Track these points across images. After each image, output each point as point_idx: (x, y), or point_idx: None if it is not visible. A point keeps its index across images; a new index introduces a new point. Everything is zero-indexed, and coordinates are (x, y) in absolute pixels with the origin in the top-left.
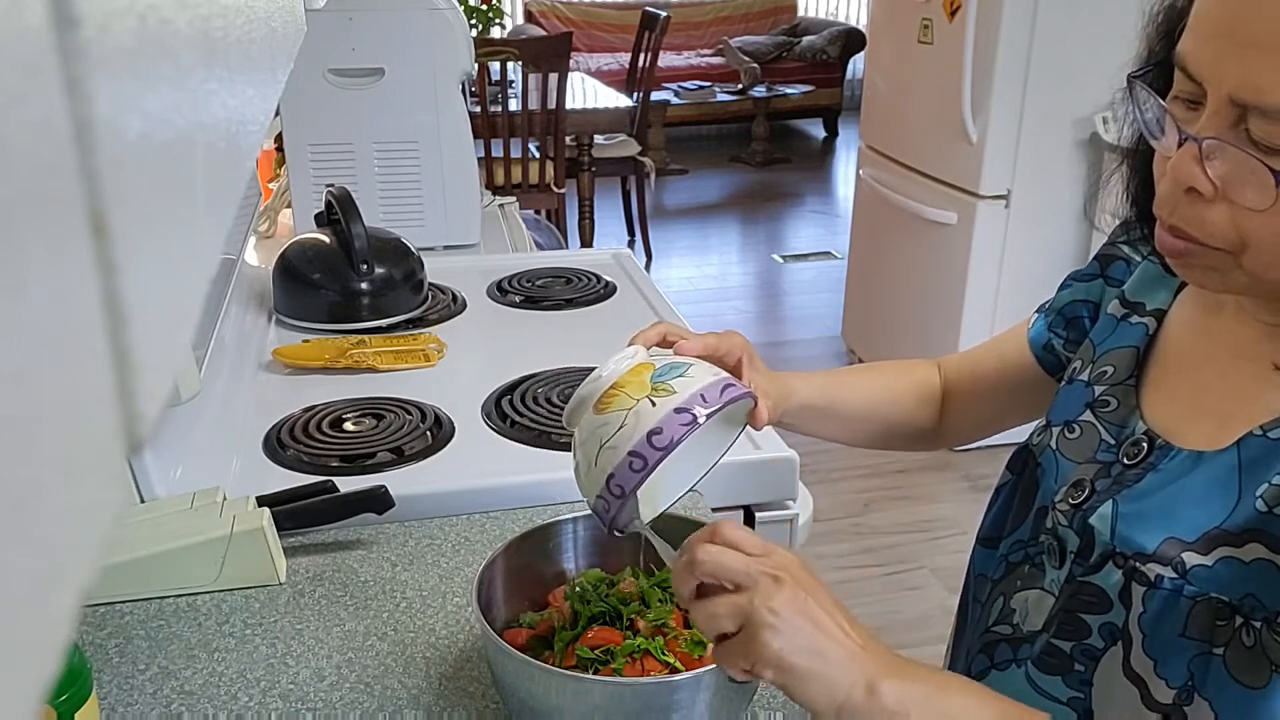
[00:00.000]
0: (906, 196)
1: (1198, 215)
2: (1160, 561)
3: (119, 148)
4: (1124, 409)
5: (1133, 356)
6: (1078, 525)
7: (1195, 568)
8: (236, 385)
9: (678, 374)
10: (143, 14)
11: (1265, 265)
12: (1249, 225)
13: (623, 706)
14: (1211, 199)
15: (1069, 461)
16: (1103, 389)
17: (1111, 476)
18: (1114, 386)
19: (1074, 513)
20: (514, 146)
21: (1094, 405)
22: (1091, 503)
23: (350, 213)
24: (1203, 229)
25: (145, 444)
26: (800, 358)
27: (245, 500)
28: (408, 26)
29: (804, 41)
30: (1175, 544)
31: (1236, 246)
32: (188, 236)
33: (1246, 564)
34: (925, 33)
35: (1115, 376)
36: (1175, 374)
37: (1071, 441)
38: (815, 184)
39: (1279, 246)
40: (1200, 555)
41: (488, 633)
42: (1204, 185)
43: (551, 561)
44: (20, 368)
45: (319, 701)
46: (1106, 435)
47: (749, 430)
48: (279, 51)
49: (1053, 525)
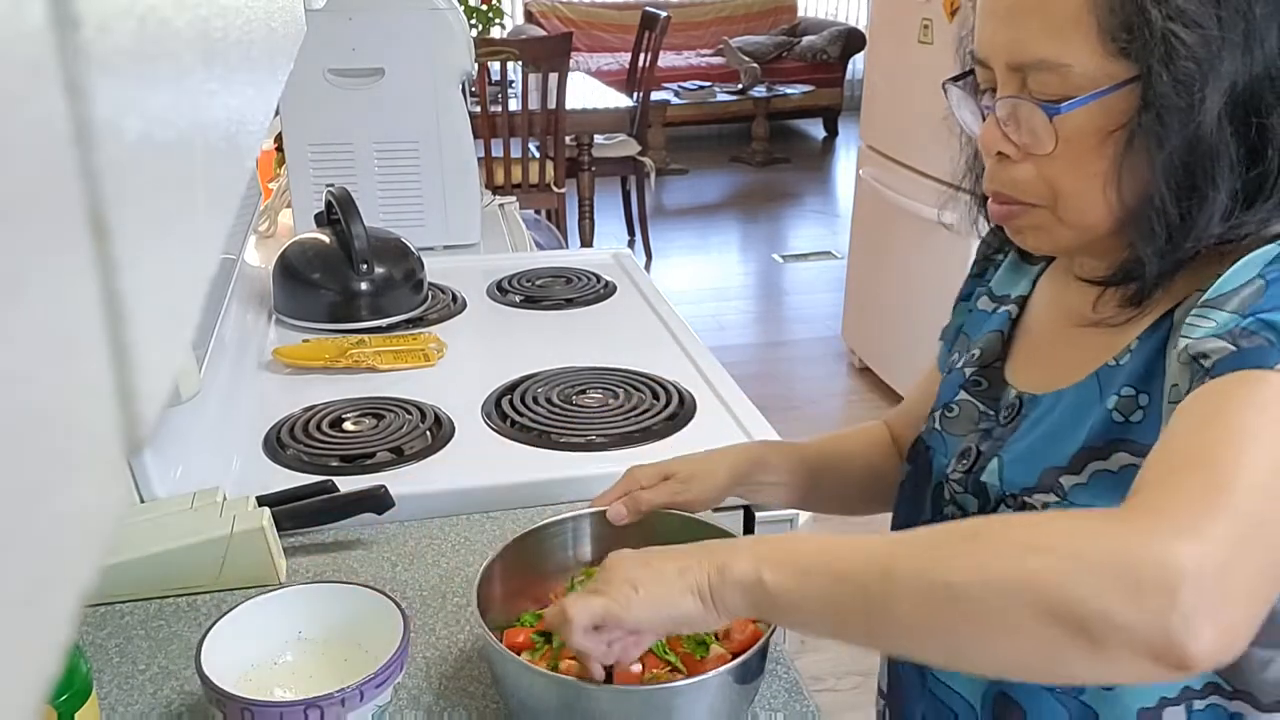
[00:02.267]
0: (906, 196)
1: (1010, 176)
2: (1042, 490)
3: (119, 148)
4: (995, 387)
5: (998, 339)
6: (973, 488)
7: (1074, 488)
8: (236, 385)
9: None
10: (142, 15)
11: (1079, 211)
12: (1053, 175)
13: (625, 711)
14: (1018, 159)
15: (954, 436)
16: (973, 370)
17: (993, 437)
18: (983, 368)
19: (966, 478)
20: (514, 146)
21: (966, 386)
22: (979, 464)
23: (350, 213)
24: (1016, 187)
25: (145, 444)
26: (800, 358)
27: (245, 500)
28: (408, 26)
29: (804, 41)
30: (1052, 472)
31: (1050, 199)
32: (188, 236)
33: (1116, 473)
34: (925, 33)
35: (983, 359)
36: (1036, 345)
37: (953, 419)
38: (815, 184)
39: (1083, 189)
40: (1075, 476)
41: (487, 635)
42: (1006, 146)
43: (552, 560)
44: (20, 367)
45: None
46: (984, 408)
47: (747, 430)
48: (279, 51)
49: (950, 496)
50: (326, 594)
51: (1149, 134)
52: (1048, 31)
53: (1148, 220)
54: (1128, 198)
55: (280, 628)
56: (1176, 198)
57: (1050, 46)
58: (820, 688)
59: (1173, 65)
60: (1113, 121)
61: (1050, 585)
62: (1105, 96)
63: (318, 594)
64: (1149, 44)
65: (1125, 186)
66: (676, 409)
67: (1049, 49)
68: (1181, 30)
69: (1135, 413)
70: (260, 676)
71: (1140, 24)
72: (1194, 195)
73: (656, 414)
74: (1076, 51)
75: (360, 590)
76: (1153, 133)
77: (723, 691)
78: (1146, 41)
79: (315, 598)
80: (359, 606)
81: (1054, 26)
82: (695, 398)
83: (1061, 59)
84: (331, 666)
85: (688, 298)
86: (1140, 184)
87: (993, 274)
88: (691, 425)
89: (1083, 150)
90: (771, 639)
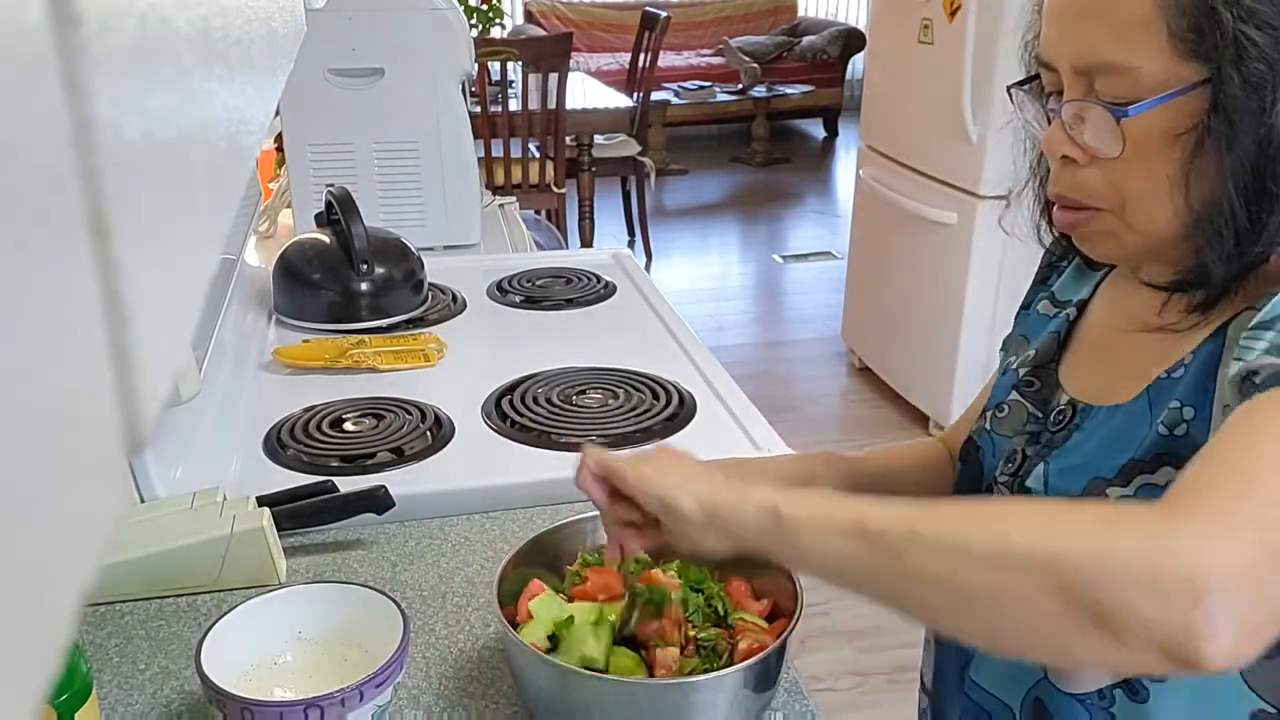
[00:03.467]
0: (906, 196)
1: (1076, 181)
2: (1087, 499)
3: (119, 148)
4: (1047, 388)
5: (1054, 340)
6: (1018, 490)
7: (1119, 500)
8: (236, 385)
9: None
10: (143, 14)
11: (1147, 216)
12: (1120, 179)
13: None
14: (1085, 163)
15: (1002, 438)
16: (1026, 370)
17: (1041, 442)
18: (1037, 368)
19: (1012, 481)
20: (514, 146)
21: (1019, 386)
22: (1025, 468)
23: (350, 213)
24: (1083, 191)
25: (145, 444)
26: (800, 357)
27: (245, 500)
28: (408, 26)
29: (804, 41)
30: (1099, 482)
31: (1117, 205)
32: (188, 236)
33: (1161, 488)
34: (925, 33)
35: (1038, 359)
36: (1093, 350)
37: (1002, 420)
38: (815, 184)
39: (1150, 193)
40: (1121, 487)
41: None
42: (1073, 150)
43: (571, 558)
44: (21, 367)
45: None
46: (1034, 410)
47: (747, 430)
48: (279, 51)
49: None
50: (326, 594)
51: (1218, 137)
52: (1115, 34)
53: (1216, 225)
54: (1195, 202)
55: (280, 628)
56: (1245, 202)
57: (1117, 49)
58: (820, 688)
59: (1244, 67)
60: (1181, 124)
61: (1073, 567)
62: (1174, 99)
63: (318, 594)
64: (1220, 46)
65: (1193, 190)
66: (676, 409)
67: (1116, 51)
68: (1253, 31)
69: (1180, 426)
70: (260, 676)
71: (1210, 25)
72: (1263, 199)
73: (656, 414)
74: (1145, 54)
75: (360, 590)
76: (1222, 135)
77: (737, 691)
78: (1217, 43)
79: (315, 598)
80: (359, 606)
81: (1121, 29)
82: (695, 398)
83: (1129, 61)
84: (331, 666)
85: (688, 298)
86: (1209, 188)
87: (1056, 280)
88: (691, 425)
89: (1151, 153)
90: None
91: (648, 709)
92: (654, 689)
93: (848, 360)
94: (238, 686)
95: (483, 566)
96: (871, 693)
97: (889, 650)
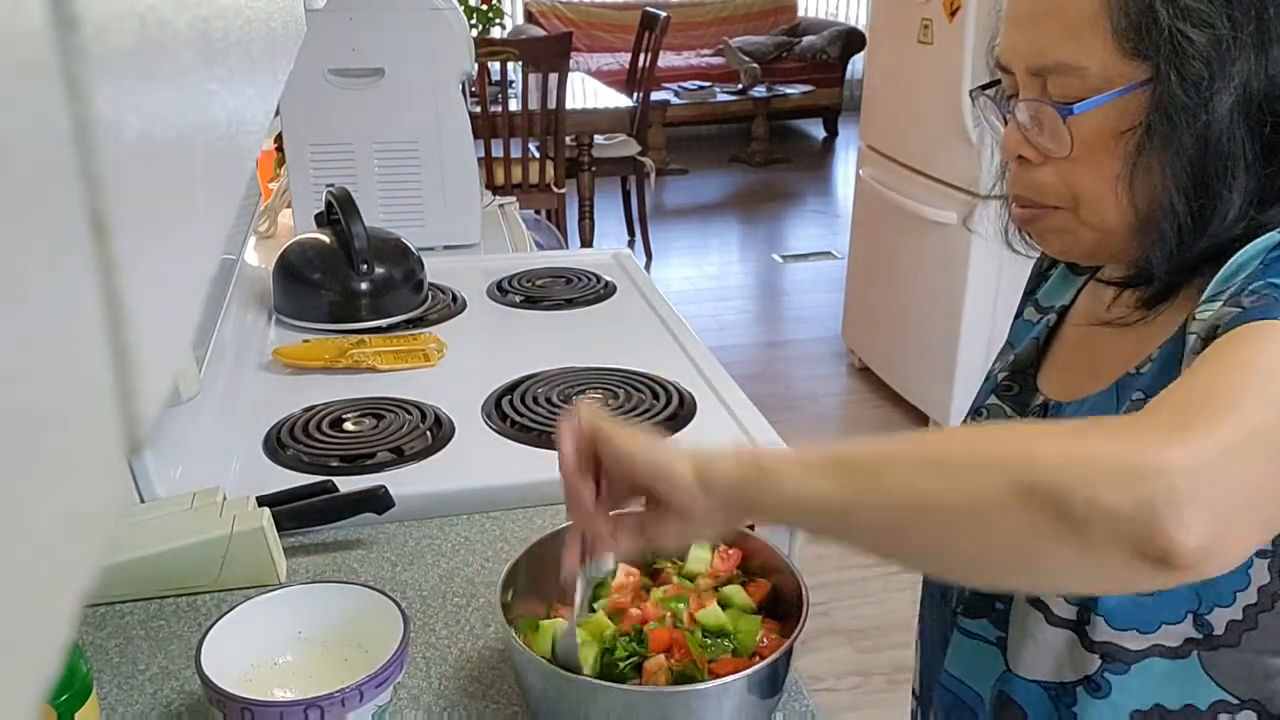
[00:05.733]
0: (906, 196)
1: (1032, 181)
2: None
3: (119, 148)
4: (1025, 391)
5: (1034, 346)
6: None
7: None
8: (236, 385)
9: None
10: (142, 15)
11: (1098, 213)
12: (1072, 177)
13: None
14: (1039, 162)
15: None
16: (1005, 374)
17: None
18: (1015, 373)
19: None
20: (514, 146)
21: (997, 390)
22: None
23: (350, 213)
24: (1037, 190)
25: (145, 444)
26: (800, 357)
27: (245, 500)
28: (408, 26)
29: (804, 41)
30: None
31: (1070, 202)
32: (188, 236)
33: None
34: (925, 33)
35: (1017, 364)
36: (1069, 352)
37: (981, 422)
38: (815, 184)
39: (1100, 191)
40: None
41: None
42: (1027, 150)
43: None
44: (20, 368)
45: None
46: (1011, 412)
47: (747, 430)
48: (279, 51)
49: None
50: (326, 594)
51: (1160, 135)
52: (1065, 34)
53: (1159, 222)
54: (1140, 199)
55: (280, 628)
56: (1188, 198)
57: (1067, 49)
58: (820, 688)
59: (1182, 65)
60: (1125, 122)
61: (1041, 468)
62: (1118, 98)
63: (318, 594)
64: (1159, 44)
65: (1138, 188)
66: (676, 409)
67: (1066, 52)
68: (1190, 30)
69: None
70: (260, 676)
71: (1149, 24)
72: (1206, 196)
73: (656, 414)
74: (1092, 54)
75: (360, 590)
76: (1162, 133)
77: (743, 697)
78: (1156, 42)
79: (315, 598)
80: (359, 606)
81: (1071, 29)
82: (695, 398)
83: (1079, 61)
84: (331, 666)
85: (688, 298)
86: (1152, 186)
87: (1042, 287)
88: (691, 425)
89: (1098, 152)
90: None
91: (652, 717)
92: (658, 697)
93: (848, 360)
94: (238, 687)
95: (483, 566)
96: (871, 693)
97: (889, 650)
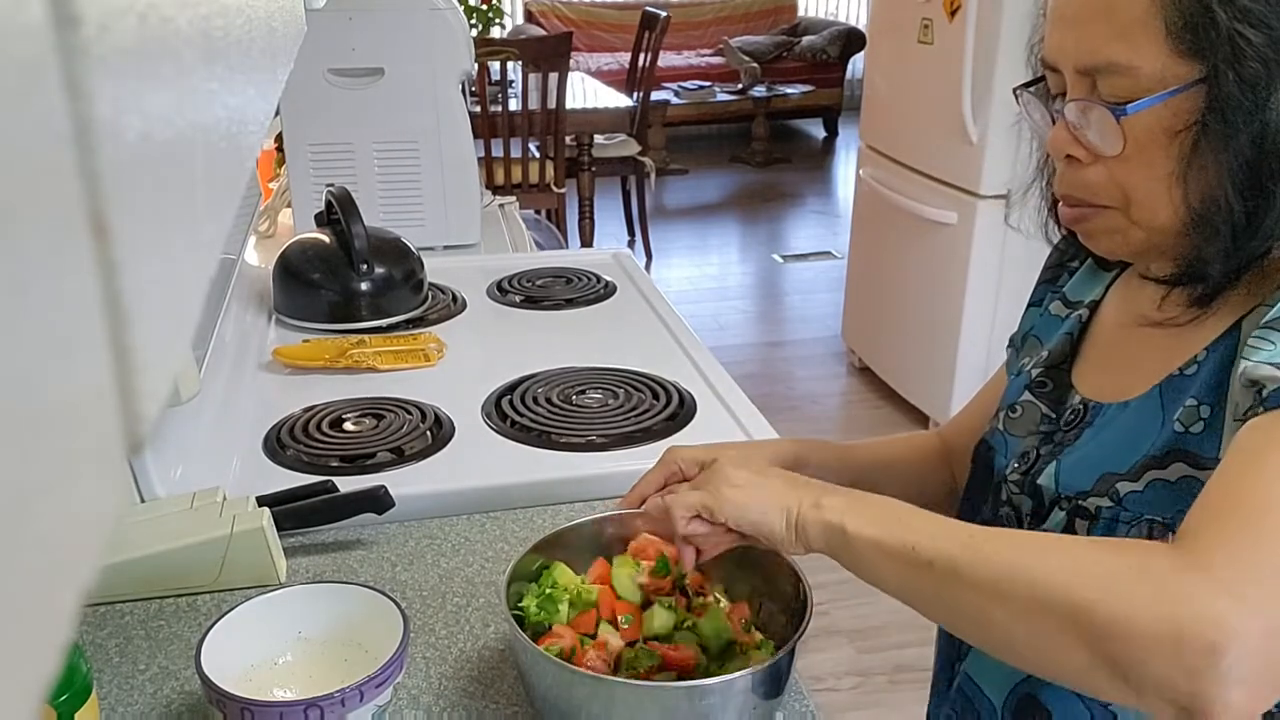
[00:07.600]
0: (906, 196)
1: (1081, 179)
2: (1097, 494)
3: (119, 148)
4: (1060, 388)
5: (1066, 342)
6: (1029, 489)
7: (1129, 494)
8: (236, 385)
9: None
10: (143, 13)
11: (1149, 212)
12: (1123, 177)
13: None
14: (1089, 162)
15: (1015, 438)
16: (1039, 371)
17: (1054, 442)
18: (1049, 369)
19: (1023, 480)
20: (514, 146)
21: (1031, 387)
22: (1037, 467)
23: (350, 212)
24: (1087, 189)
25: (145, 444)
26: (800, 357)
27: (245, 500)
28: (408, 26)
29: (804, 41)
30: (1110, 478)
31: (1121, 201)
32: (188, 236)
33: (1173, 483)
34: (925, 33)
35: (1051, 360)
36: (1105, 350)
37: (1015, 420)
38: (815, 184)
39: (1152, 190)
40: (1132, 483)
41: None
42: (1076, 149)
43: (579, 560)
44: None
45: None
46: (1047, 410)
47: (747, 430)
48: (279, 51)
49: (1007, 497)
50: (326, 594)
51: (1215, 134)
52: (1115, 34)
53: (1213, 221)
54: (1194, 199)
55: (280, 628)
56: (1242, 198)
57: (1118, 49)
58: (820, 688)
59: (1239, 65)
60: (1180, 122)
61: (1101, 624)
62: (1172, 97)
63: (318, 594)
64: (1215, 44)
65: (1192, 187)
66: (676, 409)
67: (1117, 52)
68: (1248, 30)
69: (1196, 424)
70: (260, 676)
71: (1206, 24)
72: (1260, 195)
73: (656, 414)
74: (1144, 53)
75: (360, 590)
76: (1218, 133)
77: (745, 697)
78: (1213, 42)
79: (315, 598)
80: (359, 606)
81: (1121, 29)
82: (695, 398)
83: (1129, 61)
84: (331, 666)
85: (688, 298)
86: (1207, 184)
87: (1067, 280)
88: (691, 425)
89: (1151, 151)
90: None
91: (655, 714)
92: (661, 693)
93: (847, 360)
94: (238, 687)
95: (483, 566)
96: (871, 693)
97: (889, 650)
